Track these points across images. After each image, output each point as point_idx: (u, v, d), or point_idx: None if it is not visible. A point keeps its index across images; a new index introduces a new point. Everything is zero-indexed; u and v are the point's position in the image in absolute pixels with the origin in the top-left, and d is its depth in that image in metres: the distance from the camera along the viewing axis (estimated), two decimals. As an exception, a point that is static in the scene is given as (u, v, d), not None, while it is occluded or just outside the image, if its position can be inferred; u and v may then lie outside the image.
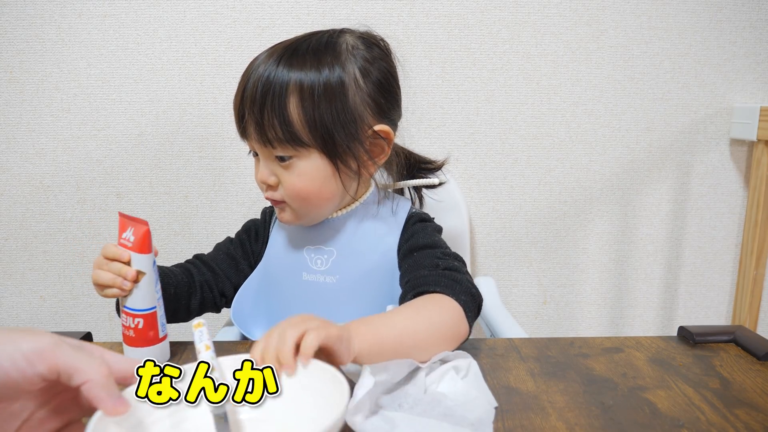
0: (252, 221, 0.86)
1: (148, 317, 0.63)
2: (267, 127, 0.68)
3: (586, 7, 1.14)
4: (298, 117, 0.67)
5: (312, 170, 0.70)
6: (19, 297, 1.24)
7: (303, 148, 0.69)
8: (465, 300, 0.65)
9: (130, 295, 0.63)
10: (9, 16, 1.12)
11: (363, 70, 0.71)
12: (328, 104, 0.68)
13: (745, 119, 1.15)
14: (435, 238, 0.75)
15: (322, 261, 0.76)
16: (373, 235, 0.76)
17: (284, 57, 0.69)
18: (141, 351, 0.63)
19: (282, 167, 0.70)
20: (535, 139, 1.19)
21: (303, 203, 0.72)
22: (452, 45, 1.15)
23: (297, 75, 0.67)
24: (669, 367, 0.64)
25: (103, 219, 1.20)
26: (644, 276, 1.27)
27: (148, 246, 0.62)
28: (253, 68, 0.70)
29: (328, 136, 0.68)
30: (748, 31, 1.16)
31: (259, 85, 0.68)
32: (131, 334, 0.63)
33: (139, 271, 0.62)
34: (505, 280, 1.26)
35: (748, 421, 0.53)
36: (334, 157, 0.70)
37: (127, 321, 0.63)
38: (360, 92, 0.70)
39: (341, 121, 0.69)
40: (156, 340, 0.64)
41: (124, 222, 0.63)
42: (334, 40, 0.71)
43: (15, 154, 1.17)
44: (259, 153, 0.72)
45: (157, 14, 1.12)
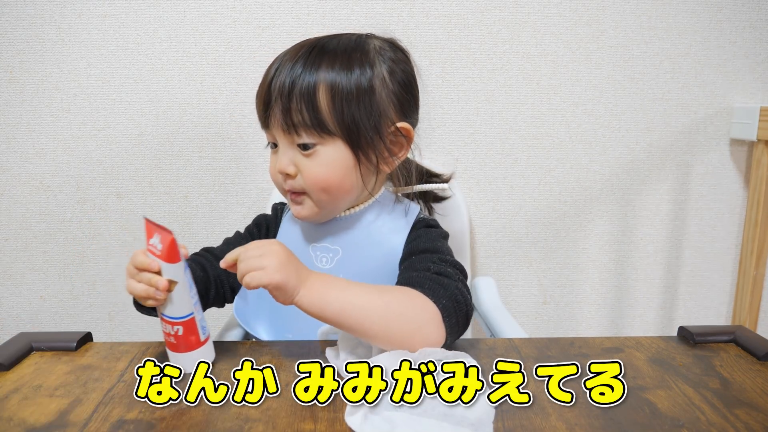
0: (263, 216, 0.86)
1: (187, 323, 0.61)
2: (294, 112, 0.68)
3: (586, 7, 1.14)
4: (327, 104, 0.69)
5: (335, 159, 0.71)
6: (19, 297, 1.24)
7: (328, 135, 0.69)
8: (445, 304, 0.64)
9: (166, 303, 0.61)
10: (9, 16, 1.12)
11: (389, 69, 0.73)
12: (357, 96, 0.69)
13: (745, 119, 1.15)
14: (437, 243, 0.75)
15: (327, 259, 0.76)
16: (379, 237, 0.76)
17: (314, 52, 0.71)
18: (184, 356, 0.62)
19: (304, 155, 0.71)
20: (535, 139, 1.19)
21: (323, 193, 0.72)
22: (452, 45, 1.15)
23: (327, 67, 0.69)
24: (669, 367, 0.64)
25: (103, 219, 1.20)
26: (644, 276, 1.27)
27: (177, 255, 0.60)
28: (281, 61, 0.72)
29: (353, 126, 0.70)
30: (748, 31, 1.16)
31: (289, 74, 0.69)
32: (173, 341, 0.62)
33: (170, 280, 0.60)
34: (505, 280, 1.26)
35: (748, 421, 0.53)
36: (356, 148, 0.71)
37: (167, 328, 0.62)
38: (386, 89, 0.72)
39: (367, 112, 0.70)
40: (198, 344, 0.62)
41: (151, 228, 0.61)
42: (363, 40, 0.74)
43: (15, 154, 1.17)
44: (280, 141, 0.72)
45: (157, 14, 1.12)
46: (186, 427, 0.53)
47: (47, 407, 0.56)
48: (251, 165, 1.19)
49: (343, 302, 0.61)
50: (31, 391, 0.60)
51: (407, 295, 0.64)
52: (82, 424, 0.54)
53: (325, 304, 0.61)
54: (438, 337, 0.63)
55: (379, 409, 0.54)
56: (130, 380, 0.61)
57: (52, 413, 0.55)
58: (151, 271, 0.60)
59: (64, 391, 0.60)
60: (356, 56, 0.71)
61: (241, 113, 1.16)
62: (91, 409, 0.56)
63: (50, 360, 0.67)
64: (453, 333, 0.65)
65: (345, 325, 0.61)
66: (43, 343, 0.69)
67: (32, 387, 0.60)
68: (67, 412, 0.55)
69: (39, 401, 0.58)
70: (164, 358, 0.66)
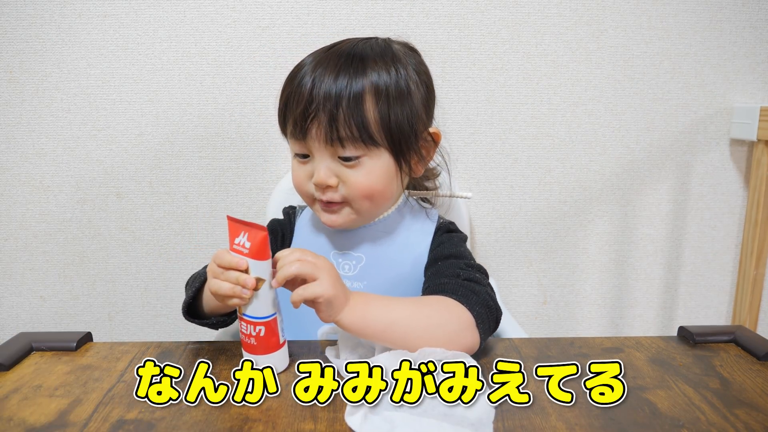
0: (276, 222, 0.85)
1: (270, 324, 0.61)
2: (341, 126, 0.67)
3: (586, 7, 1.14)
4: (374, 117, 0.68)
5: (380, 168, 0.71)
6: (19, 297, 1.24)
7: (375, 147, 0.69)
8: (479, 311, 0.66)
9: (250, 303, 0.60)
10: (9, 16, 1.12)
11: (417, 73, 0.74)
12: (400, 103, 0.70)
13: (745, 119, 1.15)
14: (461, 248, 0.76)
15: (350, 266, 0.77)
16: (403, 243, 0.77)
17: (354, 61, 0.69)
18: (262, 358, 0.61)
19: (346, 167, 0.70)
20: (535, 139, 1.19)
21: (367, 202, 0.72)
22: (452, 45, 1.15)
23: (372, 76, 0.69)
24: (669, 367, 0.64)
25: (103, 219, 1.20)
26: (644, 276, 1.27)
27: (267, 252, 0.59)
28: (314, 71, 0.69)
29: (399, 135, 0.70)
30: (748, 31, 1.16)
31: (333, 86, 0.67)
32: (252, 342, 0.61)
33: (258, 278, 0.59)
34: (505, 280, 1.26)
35: (748, 421, 0.53)
36: (399, 155, 0.71)
37: (248, 329, 0.61)
38: (419, 93, 0.73)
39: (408, 120, 0.71)
40: (277, 346, 0.62)
41: (236, 227, 0.60)
42: (388, 45, 0.74)
43: (15, 154, 1.17)
44: (318, 154, 0.70)
45: (157, 14, 1.12)
46: (186, 427, 0.53)
47: (47, 407, 0.56)
48: (251, 165, 1.19)
49: (385, 321, 0.62)
50: (31, 391, 0.60)
51: (444, 304, 0.66)
52: (82, 424, 0.54)
53: (367, 323, 0.62)
54: (473, 343, 0.65)
55: (379, 409, 0.54)
56: (130, 380, 0.61)
57: (52, 413, 0.55)
58: (240, 269, 0.59)
59: (64, 391, 0.60)
60: (392, 62, 0.71)
61: (241, 113, 1.16)
62: (91, 409, 0.56)
63: (50, 360, 0.67)
64: (486, 337, 0.67)
65: (389, 340, 0.62)
66: (43, 343, 0.69)
67: (32, 387, 0.61)
68: (67, 412, 0.55)
69: (39, 401, 0.58)
70: (164, 358, 0.66)
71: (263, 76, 1.15)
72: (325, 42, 0.76)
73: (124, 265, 1.23)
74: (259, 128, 1.17)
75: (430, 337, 0.62)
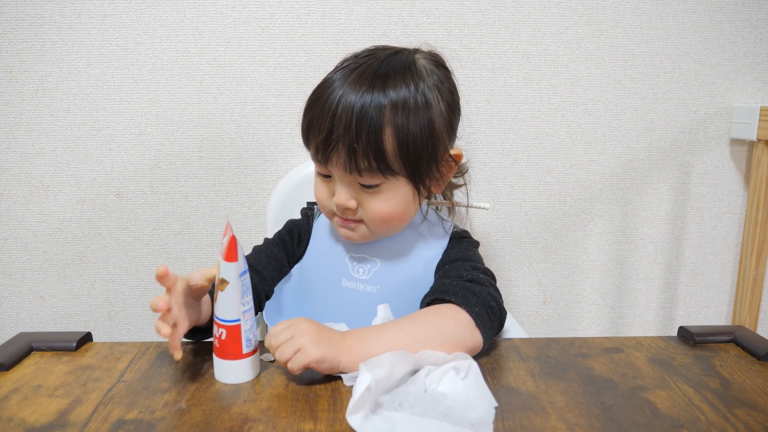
0: (294, 222, 0.85)
1: (232, 330, 0.60)
2: (360, 158, 0.67)
3: (586, 7, 1.14)
4: (392, 148, 0.68)
5: (397, 195, 0.71)
6: (19, 297, 1.24)
7: (392, 176, 0.70)
8: (478, 312, 0.66)
9: (217, 304, 0.60)
10: (9, 16, 1.12)
11: (439, 90, 0.72)
12: (419, 131, 0.69)
13: (745, 119, 1.15)
14: (470, 252, 0.78)
15: (364, 270, 0.77)
16: (418, 250, 0.78)
17: (373, 82, 0.68)
18: (223, 363, 0.61)
19: (366, 192, 0.71)
20: (535, 139, 1.19)
21: (383, 225, 0.73)
22: (452, 45, 1.15)
23: (392, 102, 0.67)
24: (669, 367, 0.64)
25: (103, 219, 1.20)
26: (644, 276, 1.27)
27: (234, 254, 0.59)
28: (338, 93, 0.69)
29: (418, 163, 0.70)
30: (748, 31, 1.16)
31: (353, 115, 0.67)
32: (217, 344, 0.61)
33: (222, 279, 0.59)
34: (505, 280, 1.26)
35: (748, 421, 0.53)
36: (417, 182, 0.72)
37: (215, 329, 0.61)
38: (442, 118, 0.72)
39: (428, 147, 0.70)
40: (238, 355, 0.61)
41: (227, 228, 0.61)
42: (411, 60, 0.72)
43: (15, 154, 1.17)
44: (340, 178, 0.71)
45: (157, 14, 1.12)
46: (186, 427, 0.53)
47: (47, 407, 0.56)
48: (251, 165, 1.19)
49: (385, 350, 0.61)
50: (31, 391, 0.60)
51: (438, 312, 0.66)
52: (82, 424, 0.54)
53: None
54: (475, 343, 0.65)
55: (379, 409, 0.54)
56: (130, 380, 0.61)
57: (52, 413, 0.55)
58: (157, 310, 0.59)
59: (64, 391, 0.60)
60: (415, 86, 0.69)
61: (241, 113, 1.16)
62: (91, 409, 0.56)
63: (50, 360, 0.67)
64: (489, 336, 0.67)
65: None
66: (43, 343, 0.69)
67: (32, 387, 0.61)
68: (67, 412, 0.55)
69: (39, 401, 0.58)
70: (164, 358, 0.66)
71: (263, 76, 1.15)
72: (324, 41, 0.76)
73: (124, 265, 1.23)
74: (259, 128, 1.17)
75: (434, 346, 0.63)
